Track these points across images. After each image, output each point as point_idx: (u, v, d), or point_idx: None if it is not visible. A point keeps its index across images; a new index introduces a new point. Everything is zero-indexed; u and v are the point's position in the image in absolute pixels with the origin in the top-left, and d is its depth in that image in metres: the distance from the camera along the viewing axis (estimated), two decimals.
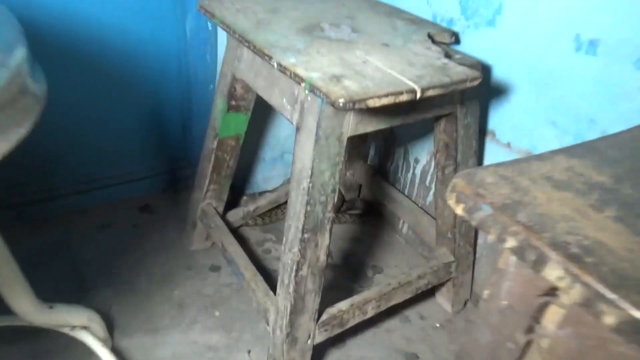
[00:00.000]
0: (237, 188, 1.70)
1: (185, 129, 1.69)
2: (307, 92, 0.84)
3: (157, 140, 1.66)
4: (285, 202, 1.67)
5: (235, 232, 1.58)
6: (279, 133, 1.65)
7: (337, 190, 0.99)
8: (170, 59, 1.56)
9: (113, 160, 1.61)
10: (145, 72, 1.53)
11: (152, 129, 1.64)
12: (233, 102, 1.24)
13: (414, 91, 0.84)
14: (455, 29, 1.25)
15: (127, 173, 1.65)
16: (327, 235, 1.02)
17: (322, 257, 1.04)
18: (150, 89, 1.56)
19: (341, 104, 0.78)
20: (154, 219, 1.61)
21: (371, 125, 0.96)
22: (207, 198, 1.40)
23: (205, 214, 1.40)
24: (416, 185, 1.56)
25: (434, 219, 1.47)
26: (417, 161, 1.53)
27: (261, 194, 1.66)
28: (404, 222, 1.65)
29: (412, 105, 1.00)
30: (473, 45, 1.22)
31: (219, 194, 1.42)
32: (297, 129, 0.95)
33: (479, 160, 1.27)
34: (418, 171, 1.54)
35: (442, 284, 1.38)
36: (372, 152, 1.73)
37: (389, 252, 1.62)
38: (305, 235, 0.99)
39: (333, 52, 0.95)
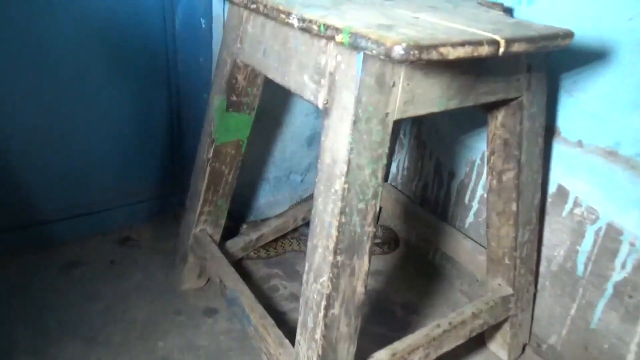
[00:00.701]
0: (236, 214, 1.43)
1: (175, 146, 1.44)
2: (345, 44, 0.59)
3: (140, 160, 1.40)
4: (294, 230, 1.40)
5: (235, 266, 1.30)
6: (285, 147, 1.40)
7: (379, 196, 0.73)
8: (157, 62, 1.32)
9: (87, 184, 1.33)
10: (126, 79, 1.28)
11: (135, 148, 1.38)
12: (234, 98, 0.99)
13: (495, 42, 0.59)
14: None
15: (104, 200, 1.38)
16: (366, 258, 0.75)
17: (360, 289, 0.76)
18: (133, 98, 1.31)
19: (402, 53, 0.53)
20: (135, 253, 1.33)
21: (423, 106, 0.71)
22: (201, 223, 1.13)
23: (198, 242, 1.13)
24: (451, 205, 1.30)
25: (479, 244, 1.21)
26: (452, 175, 1.28)
27: (264, 220, 1.39)
28: (436, 250, 1.38)
29: (475, 78, 0.75)
30: None
31: (216, 218, 1.15)
32: (325, 111, 0.70)
33: (545, 165, 1.02)
34: (454, 187, 1.28)
35: (497, 325, 1.09)
36: (393, 168, 1.48)
37: (420, 287, 1.35)
38: (339, 259, 0.72)
39: (370, 10, 0.72)
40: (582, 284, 1.03)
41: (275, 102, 1.32)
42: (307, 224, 1.40)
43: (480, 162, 1.19)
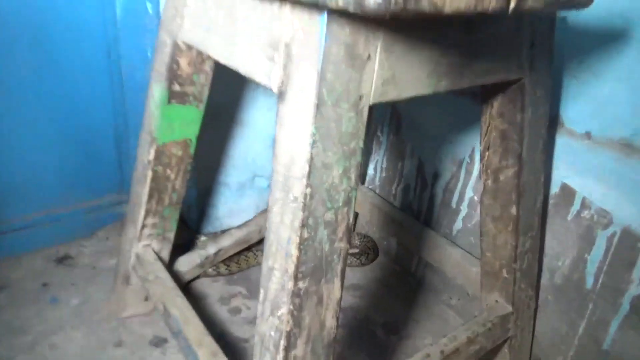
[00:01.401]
0: (192, 225, 1.26)
1: (120, 149, 1.26)
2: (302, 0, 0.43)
3: (80, 165, 1.21)
4: (260, 242, 1.23)
5: (188, 286, 1.13)
6: (248, 148, 1.23)
7: (353, 202, 0.57)
8: (95, 54, 1.14)
9: (18, 195, 1.14)
10: (58, 75, 1.10)
11: (74, 151, 1.19)
12: (176, 88, 0.82)
13: None
14: None
15: (40, 212, 1.19)
16: (337, 282, 0.59)
17: (331, 322, 0.60)
18: (68, 97, 1.13)
19: (379, 1, 0.37)
20: (74, 274, 1.14)
21: (408, 87, 0.56)
22: (145, 238, 0.96)
23: (141, 261, 0.95)
24: (436, 209, 1.15)
25: (469, 252, 1.06)
26: (436, 177, 1.13)
27: (225, 231, 1.22)
28: (419, 260, 1.23)
29: (470, 54, 0.60)
30: None
31: (163, 231, 0.97)
32: (280, 95, 0.54)
33: (548, 160, 0.88)
34: (439, 190, 1.13)
35: (494, 349, 0.94)
36: (370, 169, 1.32)
37: (402, 302, 1.19)
38: (301, 285, 0.55)
39: None
40: (592, 298, 0.88)
41: (233, 94, 1.16)
42: None
43: (469, 160, 1.05)
